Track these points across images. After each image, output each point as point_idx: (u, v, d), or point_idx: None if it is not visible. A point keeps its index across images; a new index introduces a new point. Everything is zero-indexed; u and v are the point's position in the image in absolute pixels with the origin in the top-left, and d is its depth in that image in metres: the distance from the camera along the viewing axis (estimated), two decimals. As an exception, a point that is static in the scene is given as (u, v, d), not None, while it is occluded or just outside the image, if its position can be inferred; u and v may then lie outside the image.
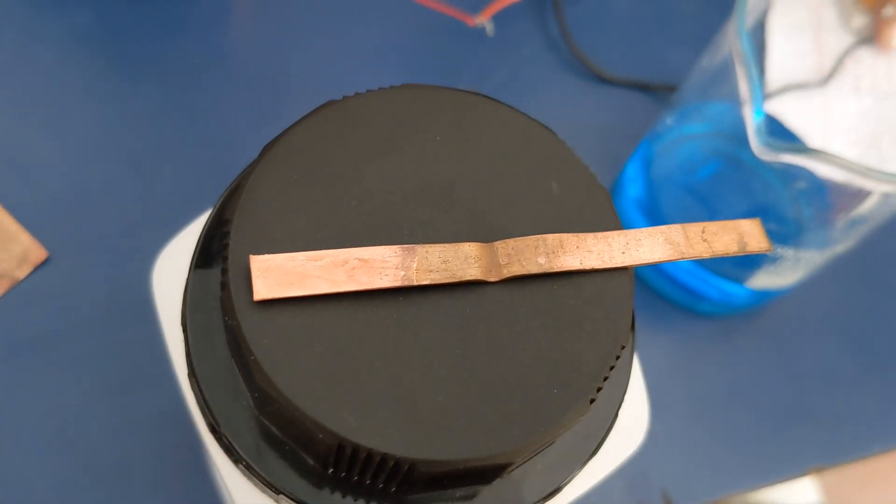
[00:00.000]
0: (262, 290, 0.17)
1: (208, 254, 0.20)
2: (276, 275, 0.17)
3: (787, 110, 0.40)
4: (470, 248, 0.18)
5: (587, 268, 0.19)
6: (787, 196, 0.40)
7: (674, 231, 0.19)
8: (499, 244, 0.19)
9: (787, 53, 0.41)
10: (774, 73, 0.40)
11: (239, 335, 0.17)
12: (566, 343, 0.18)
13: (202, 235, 0.20)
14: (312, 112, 0.19)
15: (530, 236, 0.19)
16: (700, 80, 0.37)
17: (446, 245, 0.18)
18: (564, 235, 0.19)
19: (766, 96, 0.37)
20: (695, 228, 0.20)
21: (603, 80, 0.44)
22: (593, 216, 0.19)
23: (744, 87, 0.30)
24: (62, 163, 0.36)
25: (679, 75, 0.44)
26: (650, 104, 0.44)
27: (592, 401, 0.18)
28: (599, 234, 0.19)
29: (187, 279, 0.20)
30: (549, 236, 0.19)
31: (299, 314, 0.17)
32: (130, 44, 0.39)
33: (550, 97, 0.43)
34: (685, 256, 0.19)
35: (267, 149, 0.19)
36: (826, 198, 0.37)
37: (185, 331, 0.19)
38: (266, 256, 0.17)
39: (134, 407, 0.32)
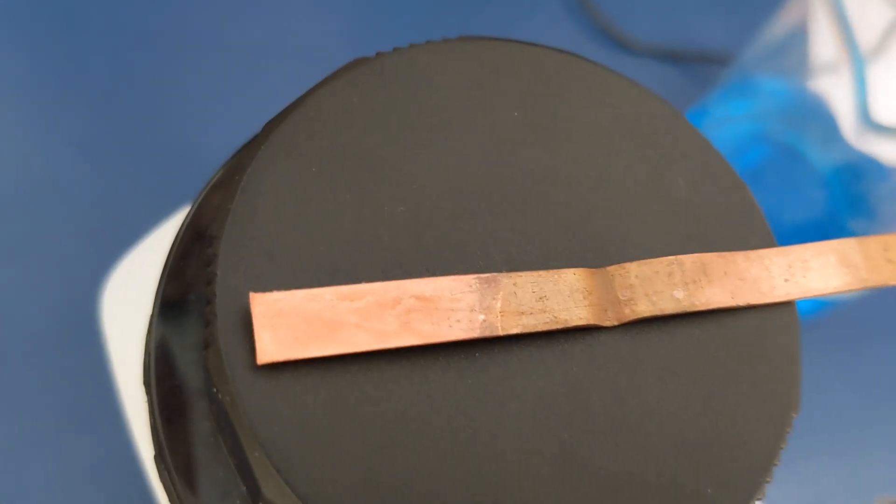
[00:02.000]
0: (270, 349, 0.11)
1: (181, 281, 0.14)
2: (291, 323, 0.11)
3: (829, 90, 0.35)
4: (575, 278, 0.12)
5: (741, 304, 0.13)
6: (844, 195, 0.35)
7: (848, 247, 0.14)
8: (615, 270, 0.13)
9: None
10: (817, 50, 0.34)
11: (234, 417, 0.11)
12: (718, 416, 0.12)
13: (172, 253, 0.14)
14: (334, 74, 0.13)
15: (660, 258, 0.13)
16: (758, 52, 0.32)
17: (541, 273, 0.12)
18: (707, 256, 0.13)
19: (808, 75, 0.32)
20: (874, 244, 0.14)
21: (626, 49, 0.38)
22: (738, 227, 0.14)
23: (837, 55, 0.25)
24: (-10, 145, 0.29)
25: (714, 44, 0.38)
26: (680, 77, 0.38)
27: (760, 499, 0.12)
28: (752, 254, 0.13)
29: (150, 319, 0.14)
30: (687, 258, 0.13)
31: (328, 384, 0.11)
32: (76, 10, 0.32)
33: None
34: (867, 284, 0.14)
35: (270, 127, 0.13)
36: (892, 203, 0.32)
37: (149, 394, 0.13)
38: (276, 295, 0.11)
39: (78, 456, 0.25)
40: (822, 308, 0.34)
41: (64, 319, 0.25)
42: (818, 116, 0.30)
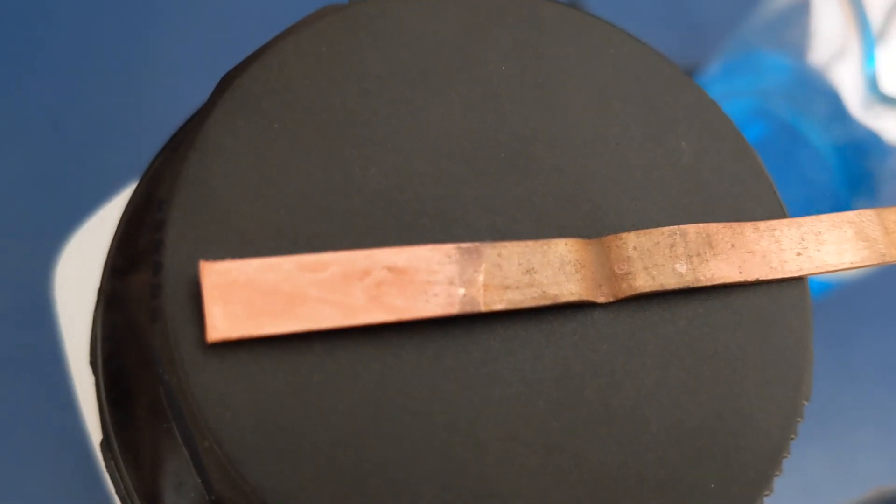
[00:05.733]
0: (221, 325, 0.10)
1: (132, 250, 0.13)
2: (245, 296, 0.10)
3: (834, 63, 0.33)
4: (567, 249, 0.11)
5: (749, 279, 0.12)
6: (844, 176, 0.33)
7: (866, 219, 0.13)
8: (611, 241, 0.11)
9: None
10: (820, 23, 0.33)
11: (182, 401, 0.10)
12: (723, 403, 0.11)
13: (122, 222, 0.13)
14: (301, 22, 0.12)
15: (661, 228, 0.12)
16: (759, 25, 0.30)
17: (529, 243, 0.11)
18: (712, 226, 0.12)
19: (811, 49, 0.31)
20: (894, 217, 0.13)
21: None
22: (746, 195, 0.12)
23: (845, 30, 0.24)
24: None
25: (712, 16, 0.37)
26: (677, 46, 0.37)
27: (768, 494, 0.11)
28: (761, 225, 0.12)
29: (98, 293, 0.12)
30: (690, 228, 0.12)
31: (287, 365, 0.10)
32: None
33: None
34: (886, 260, 0.12)
35: (228, 80, 0.11)
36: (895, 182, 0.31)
37: (95, 375, 0.12)
38: (228, 264, 0.10)
39: (28, 439, 0.24)
40: (819, 293, 0.33)
41: (17, 298, 0.23)
42: (820, 93, 0.29)
